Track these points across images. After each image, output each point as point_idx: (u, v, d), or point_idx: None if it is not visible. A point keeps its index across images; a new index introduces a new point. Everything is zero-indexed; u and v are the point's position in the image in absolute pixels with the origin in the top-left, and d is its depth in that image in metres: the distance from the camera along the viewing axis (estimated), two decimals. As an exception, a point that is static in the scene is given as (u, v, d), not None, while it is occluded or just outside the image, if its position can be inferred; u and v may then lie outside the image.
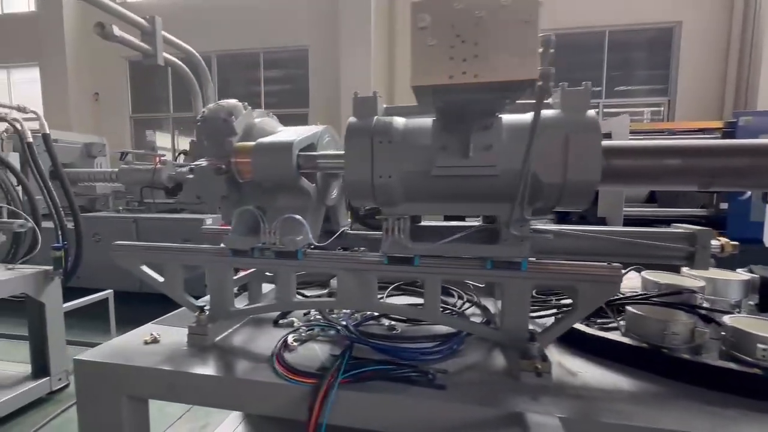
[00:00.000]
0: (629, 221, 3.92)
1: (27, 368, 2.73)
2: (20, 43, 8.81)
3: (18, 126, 2.70)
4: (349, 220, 1.76)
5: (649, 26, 6.86)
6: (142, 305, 3.78)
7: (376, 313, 1.54)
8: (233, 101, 1.45)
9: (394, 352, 1.22)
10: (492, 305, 1.61)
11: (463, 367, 1.19)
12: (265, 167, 1.24)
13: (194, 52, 1.59)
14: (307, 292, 1.81)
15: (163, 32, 1.80)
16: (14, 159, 3.05)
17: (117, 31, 1.34)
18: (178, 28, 8.41)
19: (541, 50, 0.67)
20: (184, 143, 9.16)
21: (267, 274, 1.79)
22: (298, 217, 1.26)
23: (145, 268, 1.47)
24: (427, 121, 1.11)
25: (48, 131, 2.91)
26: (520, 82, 0.69)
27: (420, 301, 1.65)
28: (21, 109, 2.82)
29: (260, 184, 1.35)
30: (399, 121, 1.11)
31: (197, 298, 1.56)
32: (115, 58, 8.52)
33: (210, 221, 4.35)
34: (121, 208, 4.99)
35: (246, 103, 1.47)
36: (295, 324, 1.50)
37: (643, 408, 0.98)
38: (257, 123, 1.46)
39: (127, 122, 8.71)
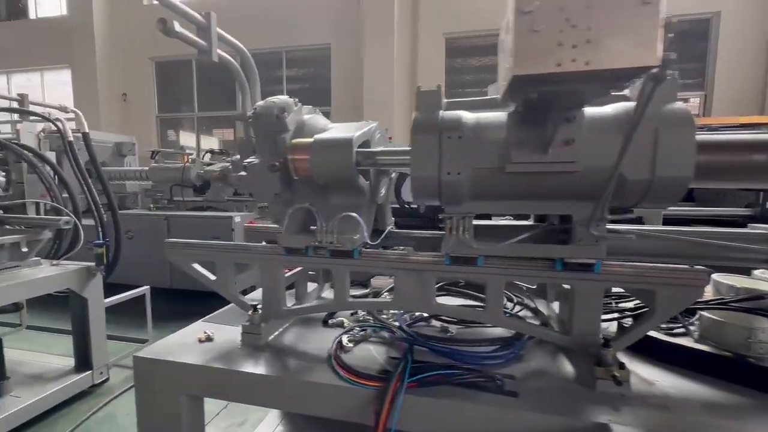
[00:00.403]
0: (667, 221, 3.76)
1: (68, 361, 2.80)
2: (53, 46, 9.11)
3: (60, 125, 2.76)
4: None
5: (684, 17, 6.58)
6: (172, 301, 3.85)
7: (425, 314, 1.51)
8: (284, 97, 1.42)
9: (456, 355, 1.18)
10: (545, 307, 1.54)
11: (529, 373, 1.14)
12: (323, 164, 1.21)
13: (244, 49, 1.58)
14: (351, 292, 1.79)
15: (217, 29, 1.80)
16: (51, 158, 3.14)
17: (178, 27, 1.33)
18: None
19: (660, 35, 0.61)
20: (206, 142, 9.32)
21: (310, 272, 1.78)
22: (355, 215, 1.23)
23: (196, 266, 1.47)
24: (497, 115, 1.06)
25: (87, 130, 2.98)
26: (635, 70, 0.64)
27: (465, 301, 1.62)
28: (62, 109, 2.90)
29: (312, 182, 1.32)
30: (467, 115, 1.07)
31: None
32: (141, 60, 8.72)
33: (238, 219, 4.39)
34: (151, 205, 5.09)
35: (296, 100, 1.44)
36: (345, 324, 1.47)
37: (738, 422, 0.91)
38: (307, 119, 1.44)
39: (153, 122, 8.91)
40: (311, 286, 1.78)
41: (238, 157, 5.23)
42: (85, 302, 2.57)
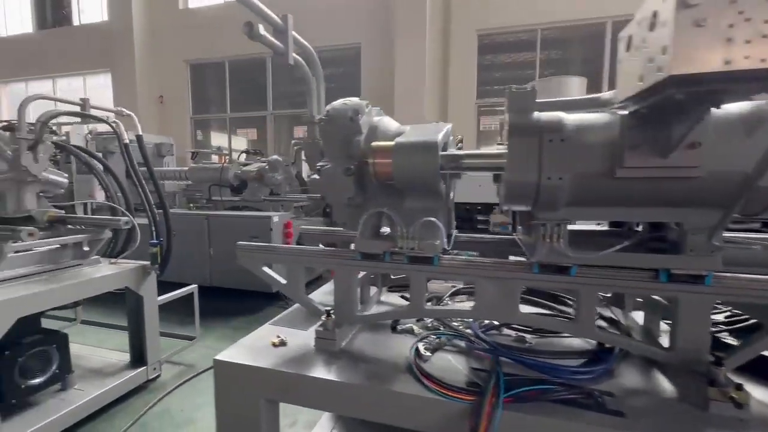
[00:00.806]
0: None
1: (122, 356, 2.90)
2: (94, 51, 9.50)
3: (117, 128, 2.85)
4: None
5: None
6: (212, 299, 3.90)
7: (496, 322, 1.45)
8: (356, 99, 1.40)
9: (545, 368, 1.12)
10: (622, 317, 1.46)
11: (626, 390, 1.07)
12: (407, 167, 1.17)
13: (312, 50, 1.57)
14: (399, 295, 1.75)
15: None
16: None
17: (262, 30, 1.33)
18: (235, 31, 8.71)
19: None
20: (236, 142, 9.55)
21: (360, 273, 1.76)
22: (435, 220, 1.19)
23: (266, 269, 1.47)
24: (601, 116, 1.00)
25: (140, 132, 3.07)
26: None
27: (532, 309, 1.55)
28: (118, 113, 3.00)
29: (386, 186, 1.29)
30: (568, 117, 1.01)
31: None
32: (177, 63, 8.98)
33: (276, 219, 4.44)
34: (191, 205, 5.22)
35: (367, 102, 1.42)
36: (415, 331, 1.44)
37: None
38: (378, 121, 1.41)
39: (188, 123, 9.16)
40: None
41: (276, 157, 5.26)
42: (140, 300, 2.65)
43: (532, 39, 7.08)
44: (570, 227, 1.26)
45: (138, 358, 2.75)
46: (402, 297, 1.77)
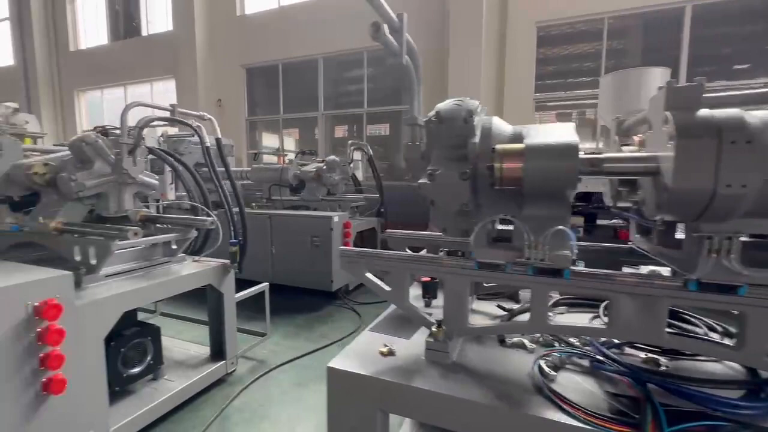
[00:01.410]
0: None
1: (200, 349, 3.04)
2: (160, 59, 10.17)
3: (200, 132, 2.99)
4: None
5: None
6: (274, 296, 3.97)
7: (615, 340, 1.32)
8: (468, 99, 1.33)
9: (702, 400, 0.99)
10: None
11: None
12: (542, 172, 1.08)
13: (416, 50, 1.52)
14: (495, 304, 1.65)
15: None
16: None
17: (387, 31, 1.30)
18: (287, 34, 9.04)
19: None
20: (288, 143, 9.85)
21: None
22: (566, 229, 1.09)
23: (370, 276, 1.44)
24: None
25: (219, 136, 3.20)
26: None
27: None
28: (200, 117, 3.15)
29: (501, 191, 1.21)
30: (751, 114, 0.87)
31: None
32: (235, 67, 9.39)
33: (336, 219, 4.49)
34: (253, 204, 5.42)
35: (478, 102, 1.34)
36: (527, 346, 1.35)
37: None
38: (490, 122, 1.33)
39: (244, 124, 9.56)
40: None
41: (333, 157, 5.29)
42: (221, 297, 2.76)
43: (593, 29, 6.65)
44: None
45: (217, 352, 2.87)
46: (499, 306, 1.68)
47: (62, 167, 2.35)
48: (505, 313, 1.65)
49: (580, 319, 1.48)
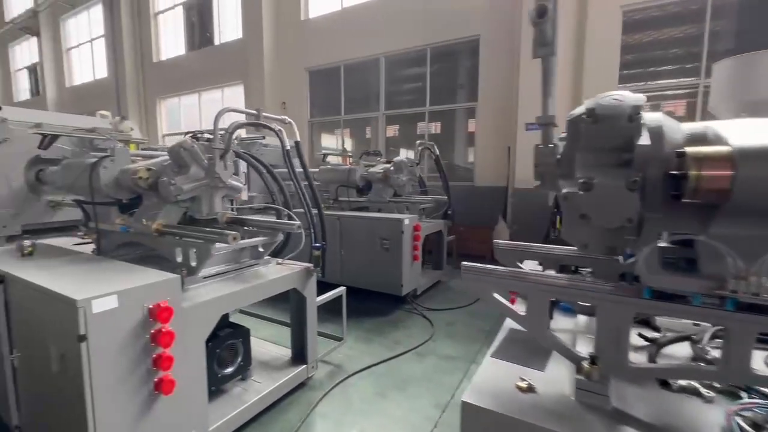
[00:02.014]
0: None
1: (280, 350, 3.06)
2: (231, 66, 10.77)
3: (281, 135, 3.00)
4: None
5: None
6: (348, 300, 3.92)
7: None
8: (628, 93, 1.11)
9: None
10: None
11: None
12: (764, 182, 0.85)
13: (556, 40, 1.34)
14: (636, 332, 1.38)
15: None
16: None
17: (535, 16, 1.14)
18: (349, 35, 9.11)
19: None
20: (329, 142, 9.99)
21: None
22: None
23: (498, 297, 1.27)
24: None
25: (299, 139, 3.21)
26: None
27: None
28: (282, 121, 3.18)
29: (683, 205, 0.98)
30: None
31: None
32: (298, 70, 9.66)
33: (407, 221, 4.36)
34: (322, 205, 5.48)
35: (644, 96, 1.12)
36: (703, 394, 1.10)
37: None
38: (660, 120, 1.09)
39: (306, 126, 9.81)
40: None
41: (401, 158, 5.16)
42: (304, 301, 2.75)
43: (685, 11, 5.88)
44: None
45: (299, 355, 2.87)
46: (641, 336, 1.43)
47: (162, 171, 2.46)
48: (648, 343, 1.40)
49: None
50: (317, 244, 2.76)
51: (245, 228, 2.69)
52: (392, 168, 5.37)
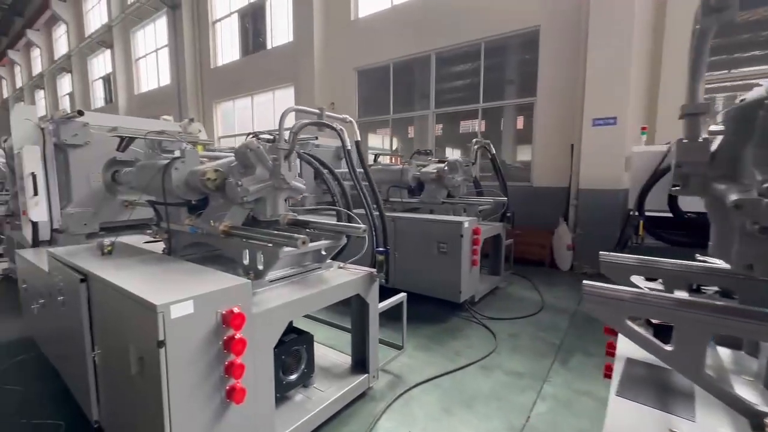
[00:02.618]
0: None
1: (338, 356, 2.97)
2: (282, 68, 11.05)
3: (341, 134, 2.91)
4: None
5: None
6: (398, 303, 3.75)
7: None
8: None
9: None
10: None
11: None
12: None
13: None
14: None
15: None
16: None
17: None
18: (399, 33, 8.96)
19: None
20: (373, 141, 9.87)
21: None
22: None
23: (633, 326, 1.05)
24: None
25: (359, 138, 3.11)
26: None
27: None
28: (343, 120, 3.10)
29: None
30: None
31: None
32: (347, 71, 9.68)
33: (467, 224, 4.13)
34: (374, 206, 5.38)
35: None
36: None
37: None
38: None
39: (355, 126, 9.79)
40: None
41: (456, 158, 4.90)
42: (367, 307, 2.63)
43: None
44: None
45: (360, 363, 2.76)
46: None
47: (228, 173, 2.44)
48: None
49: None
50: (381, 249, 2.63)
51: (306, 230, 2.64)
52: (446, 168, 5.15)
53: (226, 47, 13.31)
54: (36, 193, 3.39)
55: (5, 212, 5.49)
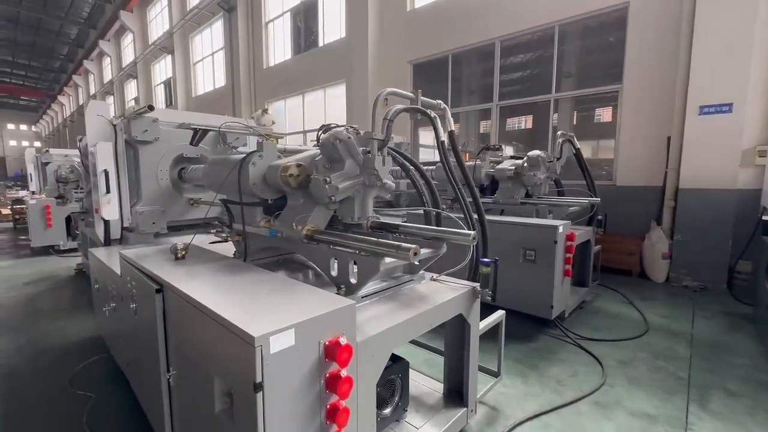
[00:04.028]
0: None
1: (426, 381, 2.56)
2: (333, 65, 10.88)
3: (435, 122, 2.51)
4: None
5: None
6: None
7: None
8: None
9: None
10: None
11: None
12: None
13: None
14: None
15: None
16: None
17: None
18: (457, 22, 8.40)
19: None
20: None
21: None
22: None
23: None
24: None
25: (452, 128, 2.70)
26: None
27: None
28: (435, 107, 2.71)
29: None
30: None
31: None
32: (402, 65, 9.28)
33: (561, 229, 3.56)
34: (443, 206, 4.93)
35: None
36: None
37: None
38: None
39: (409, 122, 9.40)
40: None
41: (538, 152, 4.26)
42: (468, 329, 2.20)
43: None
44: None
45: (455, 393, 2.33)
46: None
47: (312, 168, 2.11)
48: None
49: None
50: (487, 259, 2.18)
51: (394, 236, 2.26)
52: (526, 164, 4.59)
53: (278, 47, 13.43)
54: (108, 191, 3.30)
55: (80, 209, 5.68)
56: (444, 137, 2.57)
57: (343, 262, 1.89)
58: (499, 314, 2.55)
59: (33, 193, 8.64)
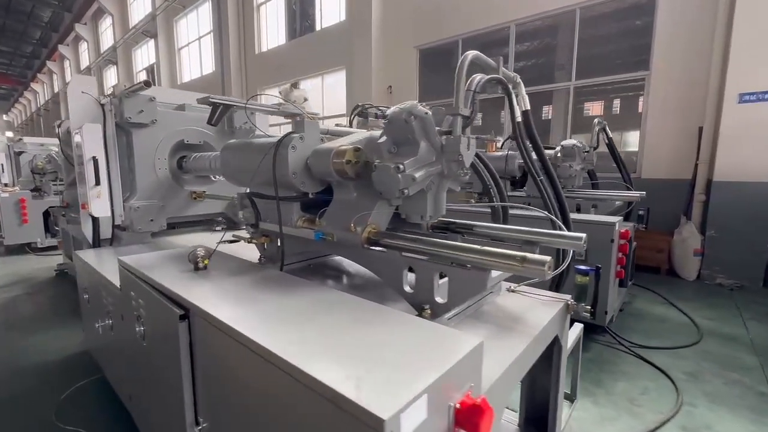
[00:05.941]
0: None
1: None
2: (332, 51, 10.30)
3: (512, 98, 2.09)
4: None
5: None
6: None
7: None
8: None
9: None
10: None
11: None
12: None
13: None
14: None
15: None
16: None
17: None
18: (470, 2, 7.92)
19: None
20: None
21: None
22: None
23: None
24: None
25: (528, 107, 2.28)
26: None
27: None
28: (512, 78, 2.28)
29: None
30: None
31: None
32: (408, 50, 8.79)
33: (617, 226, 3.20)
34: (472, 200, 4.53)
35: None
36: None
37: None
38: None
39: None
40: None
41: (573, 142, 3.81)
42: (559, 351, 1.80)
43: None
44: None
45: (536, 424, 1.94)
46: None
47: (372, 153, 1.66)
48: None
49: None
50: (584, 267, 1.77)
51: (465, 238, 1.85)
52: (560, 154, 4.21)
53: (272, 31, 12.71)
54: (98, 183, 2.77)
55: (60, 203, 5.06)
56: (519, 117, 2.14)
57: (424, 274, 1.46)
58: (578, 328, 2.16)
59: (5, 185, 7.87)
